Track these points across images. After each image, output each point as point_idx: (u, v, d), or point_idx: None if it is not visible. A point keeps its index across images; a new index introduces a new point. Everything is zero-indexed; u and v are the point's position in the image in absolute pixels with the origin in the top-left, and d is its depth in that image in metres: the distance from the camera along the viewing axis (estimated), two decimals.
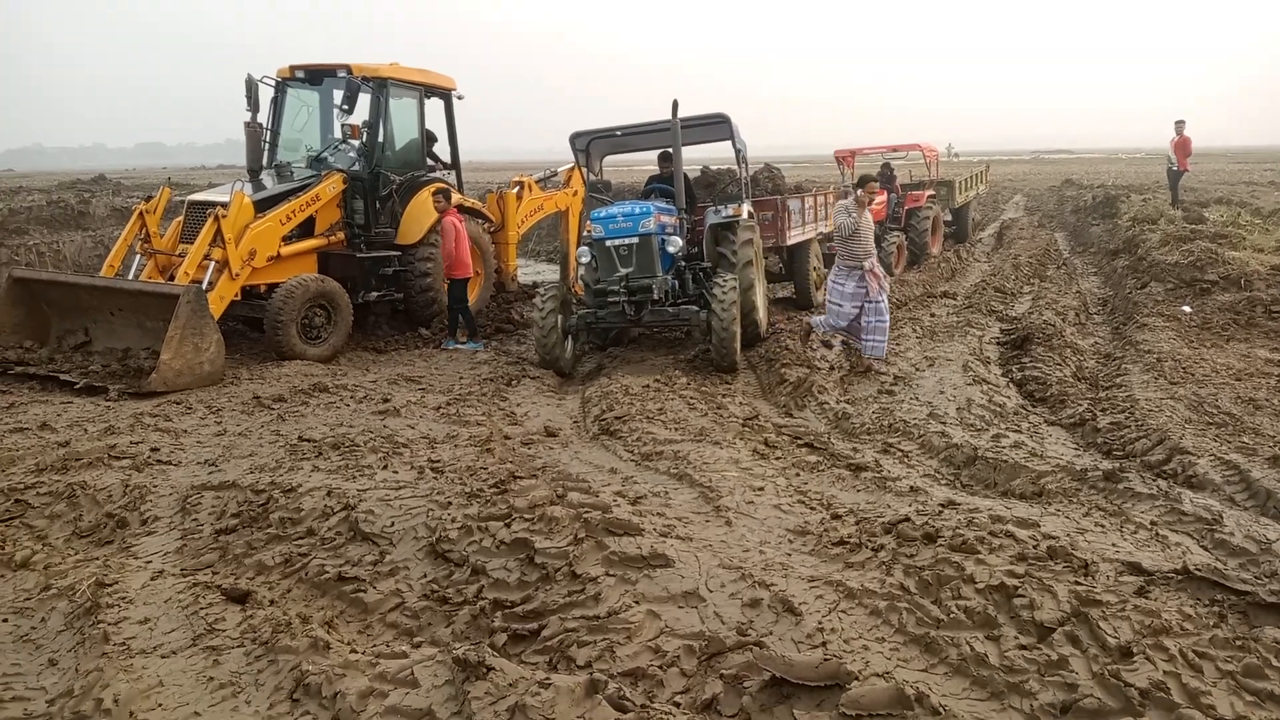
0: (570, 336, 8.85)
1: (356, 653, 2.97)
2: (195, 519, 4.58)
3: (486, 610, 3.45)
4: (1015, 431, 6.22)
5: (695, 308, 8.46)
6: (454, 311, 10.16)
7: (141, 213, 9.05)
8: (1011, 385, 7.82)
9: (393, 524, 4.13)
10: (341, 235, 10.01)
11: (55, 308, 8.76)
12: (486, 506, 4.09)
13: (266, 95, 10.24)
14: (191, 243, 8.85)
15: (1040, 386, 7.62)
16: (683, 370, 8.34)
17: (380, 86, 9.96)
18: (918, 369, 8.17)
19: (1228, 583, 3.18)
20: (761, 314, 9.58)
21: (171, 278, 9.03)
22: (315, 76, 10.26)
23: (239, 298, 8.91)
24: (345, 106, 9.49)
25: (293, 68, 10.25)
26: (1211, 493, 4.84)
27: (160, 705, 2.83)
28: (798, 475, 5.01)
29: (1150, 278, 11.15)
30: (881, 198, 16.57)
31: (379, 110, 10.02)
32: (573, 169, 13.98)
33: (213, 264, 8.48)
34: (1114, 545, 3.76)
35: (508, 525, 3.89)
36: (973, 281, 13.89)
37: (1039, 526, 3.81)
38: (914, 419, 6.32)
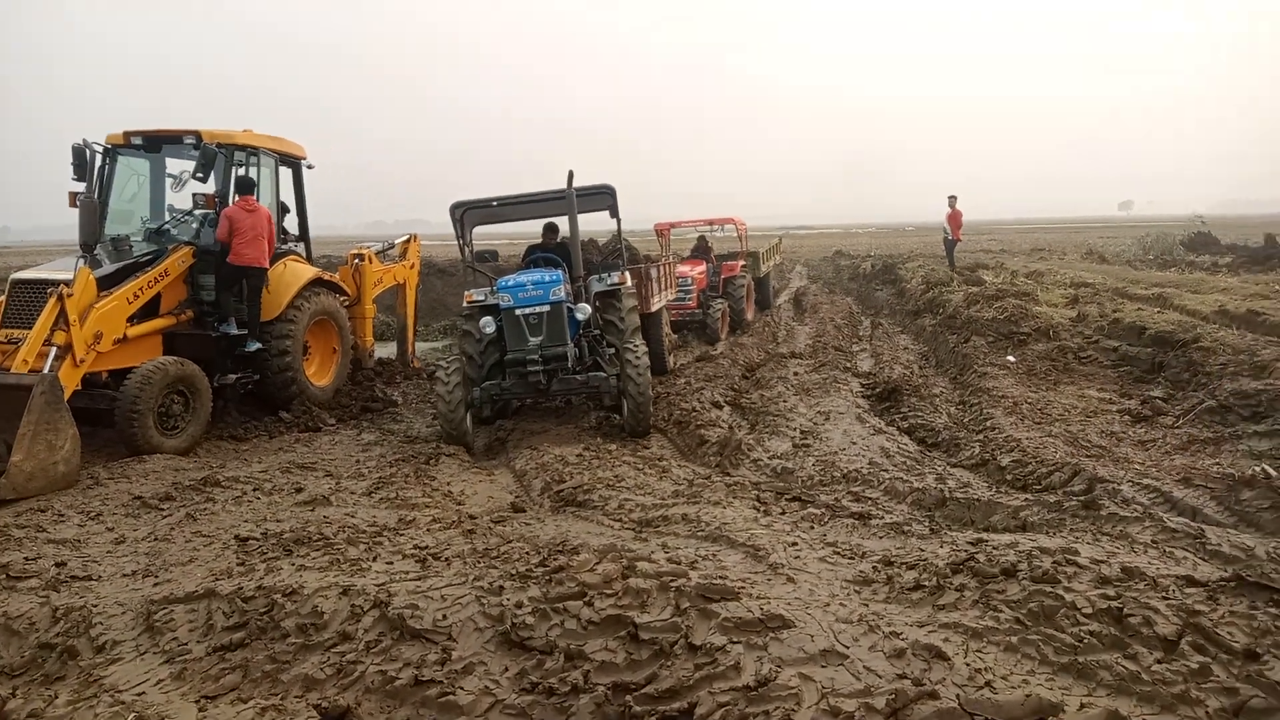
0: (469, 410, 8.47)
1: None
2: (174, 637, 3.90)
3: (609, 696, 3.19)
4: (941, 475, 6.65)
5: (603, 374, 8.40)
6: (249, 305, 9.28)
7: None
8: (903, 434, 8.37)
9: (444, 617, 3.73)
10: (190, 313, 9.05)
11: None
12: (551, 586, 3.81)
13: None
14: (19, 327, 7.66)
15: (930, 433, 8.23)
16: (599, 436, 8.22)
17: (234, 153, 9.21)
18: (816, 424, 8.54)
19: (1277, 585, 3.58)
20: None
21: None
22: (154, 143, 9.30)
23: (79, 387, 7.77)
24: (199, 175, 8.67)
25: (127, 134, 9.23)
26: (1139, 512, 5.39)
27: None
28: (811, 528, 5.07)
29: (971, 332, 12.43)
30: (702, 268, 17.45)
31: (232, 179, 9.24)
32: (408, 241, 13.56)
33: (54, 349, 7.35)
34: (1151, 563, 4.12)
35: (589, 604, 3.64)
36: (803, 343, 14.78)
37: (1079, 553, 4.09)
38: (859, 467, 6.60)
